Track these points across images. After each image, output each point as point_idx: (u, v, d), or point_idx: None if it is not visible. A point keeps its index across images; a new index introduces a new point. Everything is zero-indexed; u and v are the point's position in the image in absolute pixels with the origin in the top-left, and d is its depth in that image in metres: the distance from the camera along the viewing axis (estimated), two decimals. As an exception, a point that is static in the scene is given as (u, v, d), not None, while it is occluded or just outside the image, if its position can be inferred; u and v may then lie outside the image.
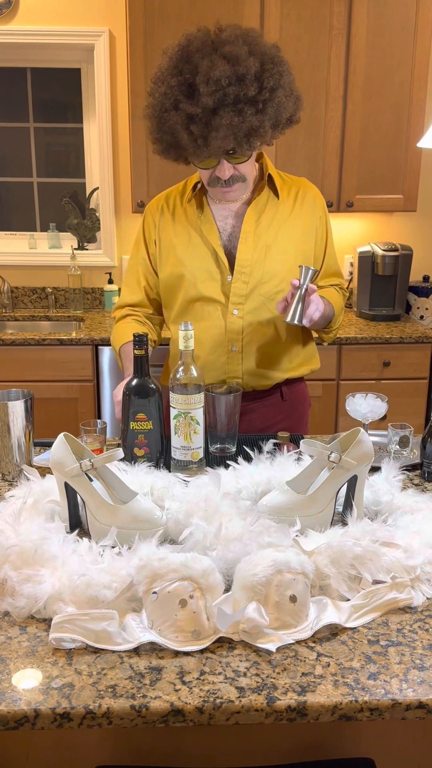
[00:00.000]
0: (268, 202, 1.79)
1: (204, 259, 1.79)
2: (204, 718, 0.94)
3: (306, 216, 1.82)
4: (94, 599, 1.07)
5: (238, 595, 1.08)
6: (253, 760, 1.23)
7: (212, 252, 1.78)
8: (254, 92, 1.53)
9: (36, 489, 1.38)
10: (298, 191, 1.82)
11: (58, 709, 0.93)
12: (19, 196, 3.69)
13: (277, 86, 1.56)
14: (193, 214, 1.80)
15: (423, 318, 3.52)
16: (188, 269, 1.80)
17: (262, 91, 1.54)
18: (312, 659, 1.02)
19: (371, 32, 3.05)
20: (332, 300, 1.86)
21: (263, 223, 1.78)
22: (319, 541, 1.19)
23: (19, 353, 3.11)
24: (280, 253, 1.78)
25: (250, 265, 1.77)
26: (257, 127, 1.56)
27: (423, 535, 1.24)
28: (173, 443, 1.56)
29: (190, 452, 1.55)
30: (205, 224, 1.79)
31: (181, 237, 1.81)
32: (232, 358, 1.82)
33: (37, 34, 3.31)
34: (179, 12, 2.97)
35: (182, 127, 1.56)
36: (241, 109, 1.53)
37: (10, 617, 1.11)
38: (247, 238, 1.77)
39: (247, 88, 1.52)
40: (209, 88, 1.50)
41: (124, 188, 3.51)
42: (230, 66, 1.51)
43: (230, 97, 1.51)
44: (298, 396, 1.96)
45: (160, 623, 1.04)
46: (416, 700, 0.95)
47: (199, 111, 1.52)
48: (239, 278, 1.77)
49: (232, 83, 1.51)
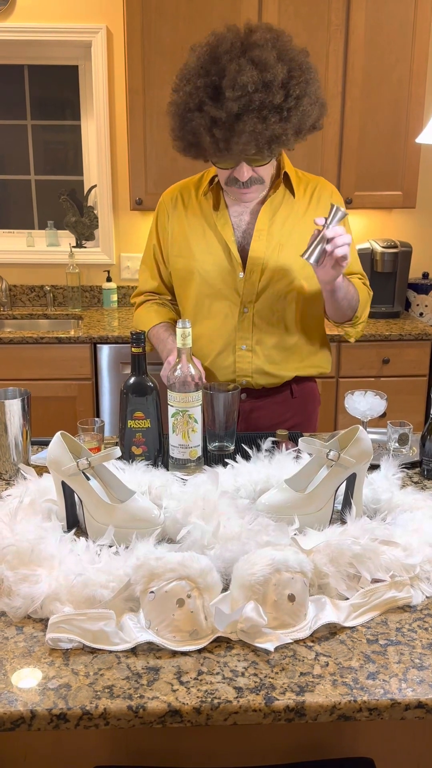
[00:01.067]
0: (283, 199, 1.78)
1: (217, 255, 1.78)
2: (202, 719, 0.93)
3: (321, 214, 1.79)
4: (91, 599, 1.06)
5: (236, 595, 1.07)
6: (251, 760, 1.22)
7: (225, 248, 1.77)
8: (280, 100, 1.51)
9: (33, 488, 1.37)
10: (315, 189, 1.81)
11: (55, 710, 0.92)
12: (17, 194, 3.68)
13: (304, 94, 1.55)
14: (208, 208, 1.79)
15: (422, 315, 3.51)
16: (200, 264, 1.79)
17: (288, 99, 1.53)
18: (310, 659, 1.02)
19: (369, 28, 3.04)
20: (357, 287, 1.82)
21: (278, 221, 1.77)
22: (318, 540, 1.18)
23: (17, 351, 3.10)
24: (293, 251, 1.76)
25: (263, 263, 1.76)
26: (280, 134, 1.54)
27: (422, 534, 1.23)
28: (171, 442, 1.55)
29: (188, 450, 1.54)
30: (220, 219, 1.78)
31: (194, 230, 1.80)
32: (242, 356, 1.81)
33: (34, 31, 3.30)
34: (177, 8, 2.95)
35: (205, 130, 1.54)
36: (265, 117, 1.51)
37: (6, 617, 1.10)
38: (260, 235, 1.76)
39: (273, 95, 1.50)
40: (235, 93, 1.49)
41: (122, 186, 3.50)
42: (258, 71, 1.49)
43: (255, 104, 1.50)
44: (307, 394, 1.94)
45: (157, 623, 1.04)
46: (415, 699, 0.95)
47: (223, 115, 1.51)
48: (251, 275, 1.76)
49: (258, 89, 1.49)
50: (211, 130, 1.54)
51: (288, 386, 1.89)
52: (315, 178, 1.85)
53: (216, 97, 1.52)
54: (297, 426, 1.91)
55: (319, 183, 1.84)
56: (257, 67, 1.50)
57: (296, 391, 1.91)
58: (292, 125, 1.56)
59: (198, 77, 1.54)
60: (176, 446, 1.54)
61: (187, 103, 1.56)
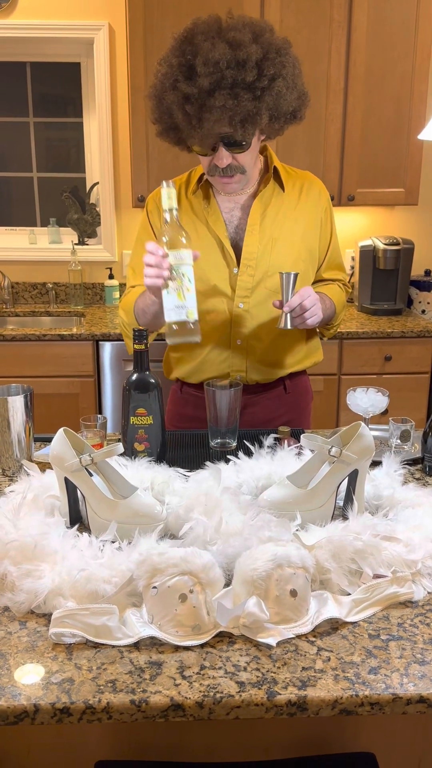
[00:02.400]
0: (273, 194, 1.79)
1: (211, 251, 1.78)
2: (204, 713, 0.94)
3: (311, 209, 1.81)
4: (94, 594, 1.07)
5: (239, 590, 1.08)
6: (253, 754, 1.23)
7: (219, 244, 1.78)
8: (252, 78, 1.52)
9: (36, 484, 1.38)
10: (303, 184, 1.82)
11: (58, 704, 0.93)
12: (19, 191, 3.68)
13: (278, 75, 1.55)
14: (199, 206, 1.80)
15: (425, 312, 3.51)
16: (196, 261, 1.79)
17: (261, 78, 1.53)
18: (312, 654, 1.02)
19: (372, 24, 3.04)
20: (334, 297, 1.87)
21: (269, 216, 1.78)
22: (320, 536, 1.19)
23: (19, 349, 3.10)
24: (286, 245, 1.77)
25: (256, 258, 1.77)
26: (253, 113, 1.55)
27: (424, 530, 1.23)
28: (165, 305, 1.47)
29: (184, 311, 1.46)
30: (212, 216, 1.79)
31: (186, 228, 1.80)
32: (236, 351, 1.82)
33: (36, 28, 3.30)
34: (179, 5, 2.95)
35: (178, 107, 1.56)
36: (237, 94, 1.52)
37: (9, 612, 1.11)
38: (253, 230, 1.77)
39: (245, 73, 1.51)
40: (207, 69, 1.50)
41: (125, 183, 3.51)
42: (231, 50, 1.51)
43: (227, 80, 1.51)
44: (300, 389, 1.96)
45: (160, 618, 1.04)
46: (417, 694, 0.95)
47: (195, 91, 1.52)
48: (245, 271, 1.77)
49: (230, 67, 1.50)
50: (184, 107, 1.55)
51: (281, 382, 1.90)
52: (302, 172, 1.86)
53: (189, 75, 1.53)
54: (290, 422, 1.91)
55: (307, 177, 1.85)
56: (231, 46, 1.51)
57: (289, 386, 1.91)
58: (266, 105, 1.56)
59: (173, 57, 1.56)
60: (171, 308, 1.46)
61: (163, 83, 1.58)
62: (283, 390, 1.90)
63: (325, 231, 1.85)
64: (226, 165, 1.65)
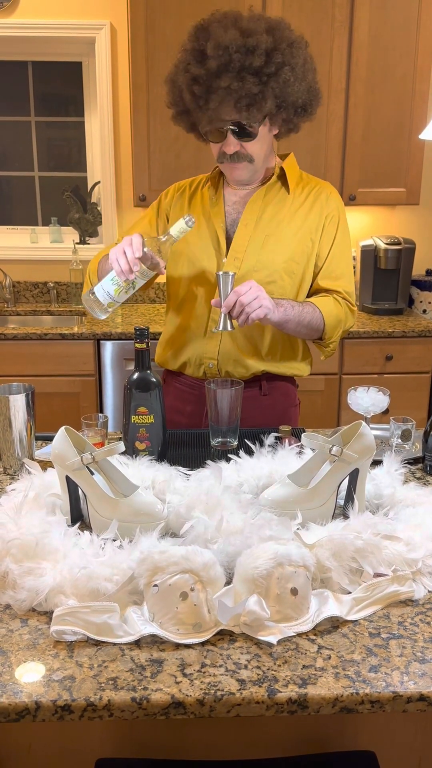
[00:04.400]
0: (278, 194, 1.80)
1: (205, 239, 1.82)
2: (205, 711, 0.94)
3: (314, 214, 1.80)
4: (95, 592, 1.07)
5: (239, 588, 1.08)
6: (254, 752, 1.23)
7: (213, 233, 1.81)
8: (259, 63, 1.56)
9: (37, 482, 1.38)
10: (313, 189, 1.82)
11: (59, 701, 0.93)
12: (21, 191, 3.69)
13: (286, 64, 1.59)
14: (208, 198, 1.84)
15: (426, 312, 3.51)
16: (190, 247, 1.82)
17: (269, 65, 1.57)
18: (313, 652, 1.02)
19: (374, 24, 3.04)
20: (323, 309, 1.77)
21: (268, 213, 1.79)
22: (321, 534, 1.19)
23: (21, 348, 3.11)
24: (279, 245, 1.77)
25: (245, 251, 1.78)
26: (258, 97, 1.58)
27: (424, 528, 1.24)
28: (103, 284, 1.62)
29: (109, 300, 1.63)
30: (215, 207, 1.82)
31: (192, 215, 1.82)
32: (210, 338, 1.82)
33: (38, 28, 3.30)
34: (180, 5, 2.95)
35: (187, 88, 1.62)
36: (243, 77, 1.56)
37: (11, 610, 1.11)
38: (247, 223, 1.78)
39: (253, 58, 1.56)
40: (216, 52, 1.56)
41: (126, 182, 3.51)
42: (242, 36, 1.56)
43: (235, 64, 1.55)
44: (280, 393, 1.90)
45: (161, 616, 1.04)
46: (417, 692, 0.95)
47: (203, 72, 1.58)
48: (232, 262, 1.78)
49: (239, 51, 1.55)
50: (191, 87, 1.61)
51: (258, 382, 1.86)
52: (321, 182, 1.85)
53: (200, 60, 1.59)
54: (265, 425, 1.82)
55: (320, 184, 1.84)
56: (243, 34, 1.57)
57: (266, 388, 1.87)
58: (271, 91, 1.60)
59: (188, 43, 1.63)
60: (106, 291, 1.62)
61: (177, 67, 1.66)
62: (258, 390, 1.87)
63: (326, 237, 1.81)
64: (234, 152, 1.68)
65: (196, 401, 1.89)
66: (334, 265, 1.83)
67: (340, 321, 1.81)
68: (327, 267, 1.82)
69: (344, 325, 1.83)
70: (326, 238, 1.81)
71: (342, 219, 1.83)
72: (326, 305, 1.78)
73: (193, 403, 1.89)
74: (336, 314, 1.79)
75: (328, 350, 1.88)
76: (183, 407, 1.90)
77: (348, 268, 1.85)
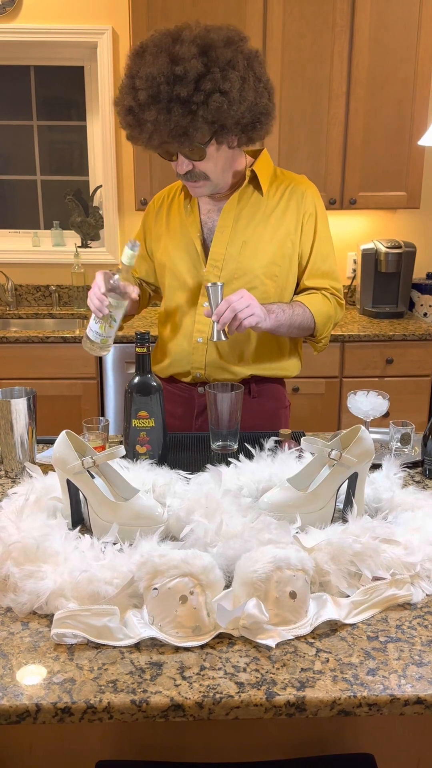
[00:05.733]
0: (251, 198, 1.79)
1: (185, 250, 1.82)
2: (204, 713, 0.95)
3: (291, 213, 1.78)
4: (95, 595, 1.08)
5: (238, 592, 1.09)
6: (253, 754, 1.24)
7: (191, 244, 1.81)
8: (187, 93, 1.51)
9: (38, 486, 1.39)
10: (287, 187, 1.79)
11: (60, 703, 0.94)
12: (23, 194, 3.70)
13: (215, 90, 1.52)
14: (182, 205, 1.85)
15: (426, 315, 3.52)
16: (171, 258, 1.84)
17: (197, 92, 1.52)
18: (311, 655, 1.03)
19: (374, 29, 3.05)
20: (312, 307, 1.78)
21: (243, 219, 1.78)
22: (320, 538, 1.19)
23: (23, 351, 3.12)
24: (257, 249, 1.77)
25: (223, 259, 1.78)
26: (189, 127, 1.55)
27: (423, 532, 1.24)
28: (91, 326, 1.74)
29: (100, 338, 1.74)
30: (190, 216, 1.83)
31: (172, 228, 1.85)
32: (197, 348, 1.83)
33: (40, 32, 3.31)
34: (182, 9, 2.97)
35: (122, 118, 1.63)
36: (170, 108, 1.53)
37: (12, 613, 1.12)
38: (223, 232, 1.78)
39: (180, 88, 1.51)
40: (145, 83, 1.53)
41: (128, 186, 3.52)
42: (170, 64, 1.51)
43: (163, 95, 1.52)
44: (270, 396, 1.91)
45: (160, 619, 1.05)
46: (414, 695, 0.96)
47: (133, 104, 1.57)
48: (212, 271, 1.79)
49: (168, 82, 1.51)
50: (126, 118, 1.62)
51: (247, 386, 1.84)
52: (295, 176, 1.83)
53: (132, 89, 1.58)
54: (256, 426, 1.85)
55: (294, 180, 1.81)
56: (172, 61, 1.52)
57: (255, 391, 1.88)
58: (202, 119, 1.54)
59: (126, 68, 1.62)
60: (95, 331, 1.74)
61: (120, 93, 1.64)
62: (248, 394, 1.86)
63: (306, 236, 1.80)
64: (186, 172, 1.68)
65: (185, 404, 1.91)
66: (319, 262, 1.83)
67: (330, 317, 1.84)
68: (311, 266, 1.83)
69: (334, 320, 1.87)
70: (306, 237, 1.80)
71: (320, 214, 1.82)
72: (315, 303, 1.80)
73: (183, 405, 1.91)
74: (326, 311, 1.82)
75: (320, 345, 1.91)
76: (174, 410, 1.90)
77: (332, 263, 1.85)
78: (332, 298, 1.84)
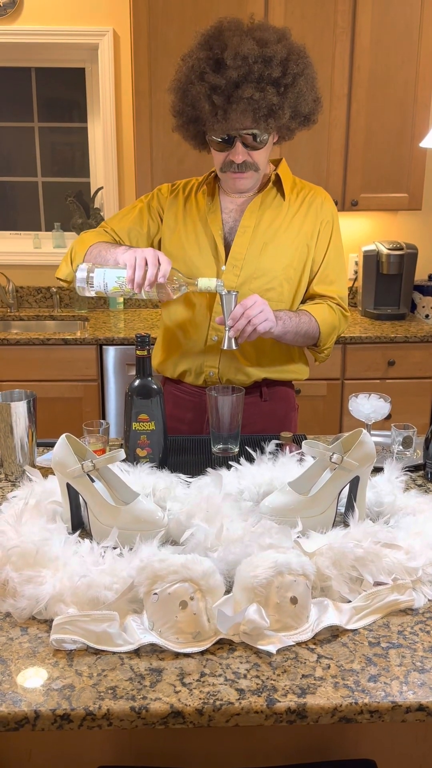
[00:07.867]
0: (273, 201, 1.81)
1: (203, 248, 1.81)
2: (204, 720, 0.94)
3: (309, 220, 1.81)
4: (95, 600, 1.07)
5: (239, 597, 1.08)
6: (254, 761, 1.23)
7: (212, 241, 1.80)
8: (278, 74, 1.58)
9: (38, 490, 1.38)
10: (307, 195, 1.83)
11: (59, 710, 0.93)
12: (24, 196, 3.70)
13: (301, 74, 1.61)
14: (204, 205, 1.83)
15: (428, 317, 3.51)
16: (188, 254, 1.82)
17: (286, 75, 1.59)
18: (312, 661, 1.02)
19: (376, 30, 3.04)
20: (318, 317, 1.79)
21: (265, 221, 1.79)
22: (321, 543, 1.19)
23: (23, 353, 3.11)
24: (276, 251, 1.78)
25: (243, 259, 1.78)
26: (277, 108, 1.60)
27: (425, 537, 1.23)
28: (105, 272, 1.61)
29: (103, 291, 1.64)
30: (211, 214, 1.82)
31: (188, 222, 1.84)
32: (211, 347, 1.83)
33: (41, 34, 3.31)
34: (183, 11, 2.96)
35: (205, 98, 1.60)
36: (263, 87, 1.57)
37: (11, 618, 1.11)
38: (245, 232, 1.79)
39: (272, 69, 1.57)
40: (236, 62, 1.55)
41: (129, 188, 3.52)
42: (258, 47, 1.57)
43: (255, 74, 1.56)
44: (280, 398, 1.92)
45: (160, 625, 1.05)
46: (416, 702, 0.95)
47: (223, 82, 1.57)
48: (231, 270, 1.79)
49: (258, 62, 1.56)
50: (211, 98, 1.60)
51: (258, 388, 1.87)
52: (314, 187, 1.86)
53: (217, 68, 1.59)
54: (266, 430, 1.86)
55: (314, 190, 1.85)
56: (258, 44, 1.58)
57: (267, 394, 1.88)
58: (289, 102, 1.62)
59: (201, 51, 1.61)
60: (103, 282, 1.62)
61: (189, 76, 1.63)
62: (259, 397, 1.88)
63: (321, 243, 1.82)
64: (242, 161, 1.68)
65: (195, 409, 1.89)
66: (329, 270, 1.85)
67: (335, 328, 1.85)
68: (322, 272, 1.85)
69: (338, 331, 1.88)
70: (321, 244, 1.83)
71: (336, 224, 1.86)
72: (321, 313, 1.81)
73: (193, 410, 1.90)
74: (330, 321, 1.83)
75: (322, 356, 1.92)
76: (183, 415, 1.90)
77: (342, 272, 1.88)
78: (337, 309, 1.85)
